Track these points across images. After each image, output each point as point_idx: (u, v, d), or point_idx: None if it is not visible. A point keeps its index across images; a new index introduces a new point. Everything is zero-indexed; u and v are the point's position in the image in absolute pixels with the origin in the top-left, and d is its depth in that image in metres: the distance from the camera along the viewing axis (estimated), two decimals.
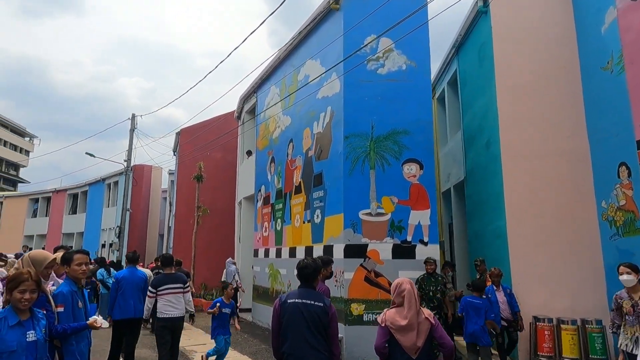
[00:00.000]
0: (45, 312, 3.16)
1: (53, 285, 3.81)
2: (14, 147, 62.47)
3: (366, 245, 7.54)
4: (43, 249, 28.63)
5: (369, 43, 8.10)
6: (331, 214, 8.05)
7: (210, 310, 6.40)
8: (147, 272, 9.36)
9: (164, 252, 22.72)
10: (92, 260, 14.77)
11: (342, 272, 7.50)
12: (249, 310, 12.05)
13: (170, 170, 23.47)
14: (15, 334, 2.86)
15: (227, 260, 11.74)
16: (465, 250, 9.95)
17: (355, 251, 7.51)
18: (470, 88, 9.57)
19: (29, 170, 66.47)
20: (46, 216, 28.23)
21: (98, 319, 3.41)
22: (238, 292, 11.49)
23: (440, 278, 7.06)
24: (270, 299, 10.30)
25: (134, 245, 22.34)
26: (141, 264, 15.87)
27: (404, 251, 7.53)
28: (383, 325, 3.35)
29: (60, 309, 3.41)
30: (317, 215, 8.52)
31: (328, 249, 8.02)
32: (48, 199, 28.75)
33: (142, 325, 6.48)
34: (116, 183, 23.53)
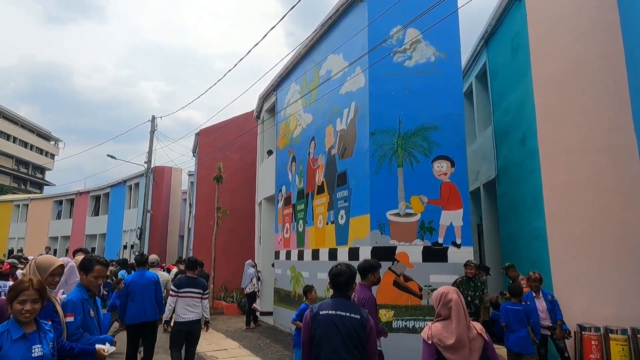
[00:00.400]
0: (51, 322, 2.85)
1: (63, 293, 3.52)
2: (40, 151, 63.95)
3: (394, 248, 7.10)
4: (66, 250, 29.02)
5: (395, 34, 7.66)
6: (356, 214, 7.63)
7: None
8: (163, 274, 9.05)
9: (184, 253, 22.65)
10: (114, 262, 14.72)
11: None
12: (270, 313, 11.72)
13: (190, 171, 23.41)
14: (20, 349, 2.55)
15: (246, 262, 11.43)
16: (497, 253, 9.40)
17: (383, 254, 7.07)
18: (502, 81, 9.02)
19: (54, 173, 67.92)
20: (70, 218, 28.57)
21: (105, 347, 3.07)
22: (256, 295, 11.17)
23: (479, 283, 6.57)
24: (293, 303, 9.94)
25: (154, 246, 22.34)
26: (162, 265, 15.73)
27: (435, 254, 7.06)
28: (430, 342, 2.91)
29: (70, 319, 3.10)
30: (342, 216, 8.12)
31: (353, 252, 7.60)
32: (72, 201, 29.11)
33: (163, 328, 6.41)
34: (137, 185, 23.60)
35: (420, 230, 7.13)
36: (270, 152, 12.81)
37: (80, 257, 5.78)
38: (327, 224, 8.64)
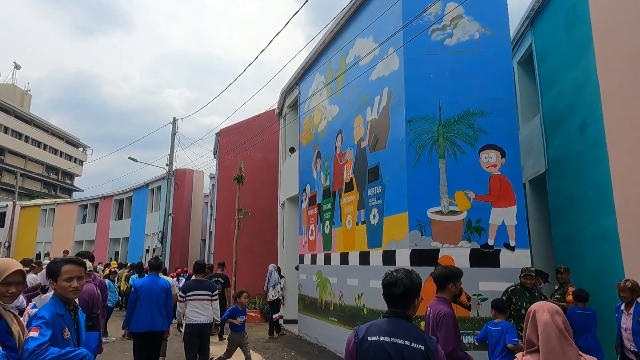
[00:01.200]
0: (1, 348, 2.07)
1: (34, 307, 2.76)
2: (69, 157, 65.24)
3: (437, 251, 6.14)
4: (92, 254, 28.94)
5: (432, 10, 6.74)
6: (392, 213, 6.71)
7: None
8: (167, 278, 8.22)
9: (205, 257, 22.08)
10: (128, 265, 14.19)
11: None
12: (294, 322, 10.87)
13: (211, 174, 22.89)
14: None
15: (270, 265, 10.61)
16: (549, 256, 8.28)
17: (423, 258, 6.13)
18: (554, 62, 7.96)
19: (82, 179, 69.24)
20: (94, 222, 28.51)
21: None
22: (280, 303, 10.33)
23: (536, 293, 5.53)
24: (319, 311, 9.05)
25: (176, 250, 21.86)
26: (185, 269, 15.10)
27: (485, 257, 6.06)
28: None
29: (34, 334, 2.32)
30: (374, 216, 7.20)
31: (389, 255, 6.68)
32: (96, 205, 29.07)
33: (178, 330, 6.46)
34: (159, 188, 23.22)
35: (467, 230, 6.15)
36: (292, 150, 12.01)
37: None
38: (357, 224, 7.74)
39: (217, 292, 6.18)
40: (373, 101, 7.59)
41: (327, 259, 8.87)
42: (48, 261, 9.01)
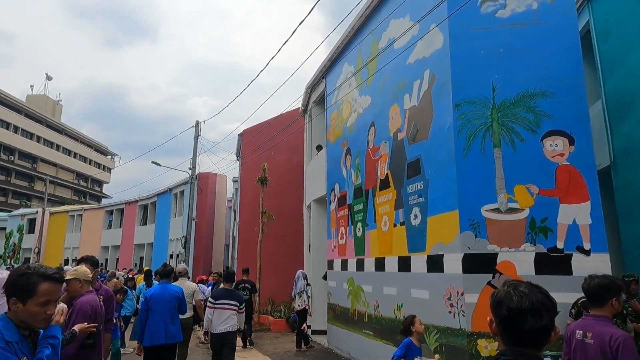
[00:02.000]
0: None
1: None
2: (98, 165, 66.47)
3: (495, 255, 5.18)
4: (117, 260, 28.88)
5: None
6: (438, 212, 5.79)
7: None
8: (191, 284, 7.44)
9: (229, 263, 21.47)
10: (132, 271, 13.35)
11: (460, 294, 5.19)
12: (323, 332, 10.00)
13: (234, 177, 22.34)
14: None
15: (298, 272, 9.77)
16: (618, 261, 7.16)
17: (479, 263, 5.18)
18: (619, 39, 6.89)
19: (111, 187, 70.47)
20: (120, 227, 28.41)
21: None
22: (307, 312, 9.48)
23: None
24: (351, 322, 8.16)
25: (199, 255, 21.34)
26: (204, 277, 14.45)
27: (553, 263, 5.07)
28: None
29: None
30: (415, 215, 6.29)
31: (435, 261, 5.75)
32: (121, 211, 29.00)
33: (204, 339, 6.46)
34: (182, 193, 22.82)
35: (531, 231, 5.17)
36: (319, 148, 11.20)
37: (82, 266, 4.39)
38: (395, 226, 6.84)
39: (244, 305, 6.06)
40: (411, 87, 6.70)
41: (360, 265, 7.98)
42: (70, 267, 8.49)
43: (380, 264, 7.23)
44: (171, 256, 22.74)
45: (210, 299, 5.97)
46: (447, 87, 5.78)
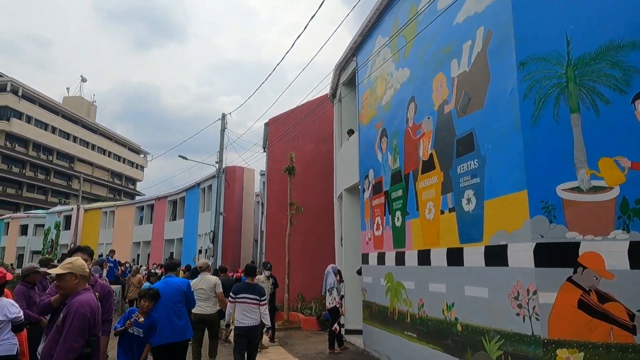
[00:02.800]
0: None
1: None
2: (131, 164, 67.83)
3: (577, 245, 4.16)
4: (148, 256, 28.94)
5: None
6: (498, 194, 4.80)
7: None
8: (212, 278, 6.86)
9: (257, 258, 20.92)
10: (123, 266, 12.59)
11: (533, 292, 4.21)
12: (358, 332, 9.13)
13: (261, 171, 21.74)
14: None
15: (329, 267, 8.92)
16: None
17: (555, 255, 4.18)
18: None
19: (144, 184, 71.87)
20: (150, 223, 28.43)
21: None
22: (339, 312, 8.62)
23: None
24: (391, 322, 7.26)
25: (228, 250, 20.88)
26: (231, 273, 13.86)
27: None
28: None
29: None
30: (468, 200, 5.31)
31: (496, 252, 4.77)
32: (152, 207, 29.02)
33: (224, 334, 6.52)
34: (210, 187, 22.43)
35: (622, 214, 4.12)
36: (351, 132, 10.30)
37: (78, 258, 3.69)
38: (443, 212, 5.87)
39: (265, 297, 5.99)
40: (460, 50, 5.70)
41: (400, 259, 7.05)
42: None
43: (424, 258, 6.29)
44: (200, 251, 22.41)
45: (231, 293, 5.88)
46: (508, 43, 4.77)
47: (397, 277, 7.17)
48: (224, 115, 20.44)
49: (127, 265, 19.00)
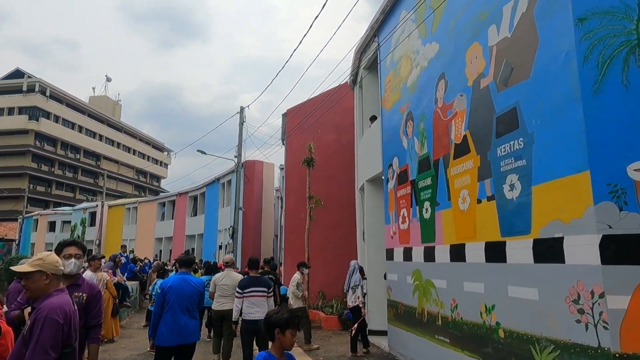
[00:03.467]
0: None
1: None
2: (155, 161, 68.72)
3: None
4: (170, 252, 28.91)
5: None
6: (551, 177, 4.03)
7: None
8: (237, 275, 6.67)
9: (277, 254, 20.45)
10: (119, 256, 12.05)
11: (599, 295, 3.44)
12: (383, 333, 8.45)
13: (281, 165, 21.21)
14: None
15: (352, 262, 8.25)
16: None
17: (627, 250, 3.40)
18: None
19: (168, 181, 72.74)
20: (172, 219, 28.38)
21: None
22: (362, 311, 7.97)
23: None
24: (419, 324, 6.55)
25: (248, 246, 20.47)
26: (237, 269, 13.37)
27: None
28: None
29: None
30: (512, 185, 4.55)
31: (548, 246, 4.01)
32: (173, 203, 28.97)
33: (233, 329, 6.04)
34: (229, 182, 22.06)
35: None
36: (373, 119, 9.58)
37: (50, 254, 3.15)
38: (480, 202, 5.12)
39: (272, 289, 5.95)
40: (500, 14, 4.92)
41: (430, 254, 6.33)
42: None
43: (458, 253, 5.55)
44: (220, 247, 22.10)
45: (237, 289, 5.84)
46: None
47: (426, 275, 6.45)
48: (242, 109, 19.97)
49: (147, 260, 18.81)
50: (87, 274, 7.06)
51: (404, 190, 7.37)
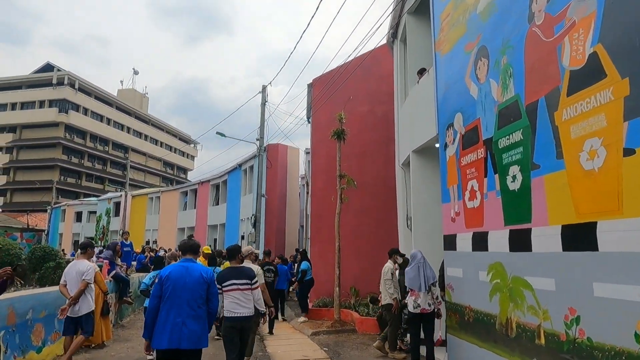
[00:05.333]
0: None
1: None
2: (182, 153, 68.35)
3: None
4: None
5: None
6: None
7: None
8: (254, 268, 5.11)
9: (302, 244, 18.69)
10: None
11: None
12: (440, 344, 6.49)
13: (306, 149, 19.37)
14: None
15: (416, 253, 6.16)
16: None
17: None
18: None
19: (195, 173, 72.38)
20: (194, 208, 27.11)
21: None
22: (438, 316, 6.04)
23: None
24: (502, 338, 4.57)
25: (271, 236, 18.80)
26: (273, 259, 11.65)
27: None
28: None
29: None
30: None
31: None
32: (195, 192, 27.69)
33: (215, 324, 5.35)
34: (251, 168, 20.42)
35: None
36: (422, 72, 7.56)
37: None
38: (630, 152, 3.10)
39: (256, 279, 4.91)
40: None
41: (521, 240, 4.32)
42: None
43: (580, 237, 3.54)
44: (242, 237, 20.54)
45: (216, 283, 4.67)
46: None
47: (513, 271, 4.45)
48: (264, 87, 18.28)
49: (162, 250, 17.35)
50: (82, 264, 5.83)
51: (473, 156, 5.36)
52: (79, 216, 37.27)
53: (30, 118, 49.64)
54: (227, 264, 6.75)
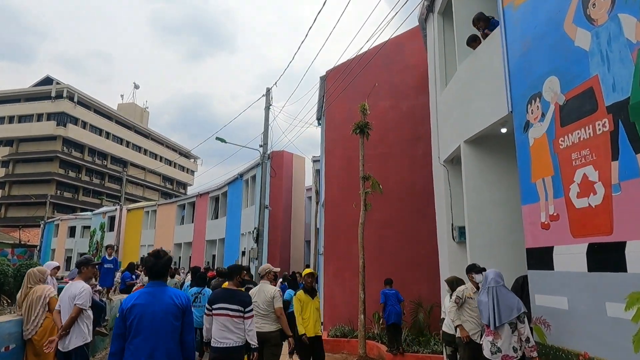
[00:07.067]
0: None
1: None
2: (182, 168, 66.73)
3: None
4: (189, 259, 25.79)
5: None
6: None
7: None
8: (271, 288, 3.54)
9: (310, 260, 16.85)
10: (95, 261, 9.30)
11: None
12: None
13: (314, 157, 17.69)
14: None
15: (490, 274, 4.33)
16: None
17: None
18: None
19: (195, 189, 70.61)
20: (192, 222, 25.27)
21: None
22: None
23: None
24: None
25: (275, 252, 16.94)
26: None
27: None
28: None
29: None
30: None
31: None
32: (193, 205, 25.90)
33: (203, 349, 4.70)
34: (254, 178, 18.70)
35: None
36: (473, 39, 5.91)
37: None
38: None
39: (251, 307, 4.18)
40: None
41: None
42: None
43: None
44: (243, 253, 18.67)
45: (206, 304, 4.32)
46: None
47: None
48: (268, 90, 16.67)
49: (182, 270, 15.39)
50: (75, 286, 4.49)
51: (585, 132, 3.65)
52: (72, 231, 35.34)
53: (27, 131, 48.15)
54: (226, 284, 5.22)
